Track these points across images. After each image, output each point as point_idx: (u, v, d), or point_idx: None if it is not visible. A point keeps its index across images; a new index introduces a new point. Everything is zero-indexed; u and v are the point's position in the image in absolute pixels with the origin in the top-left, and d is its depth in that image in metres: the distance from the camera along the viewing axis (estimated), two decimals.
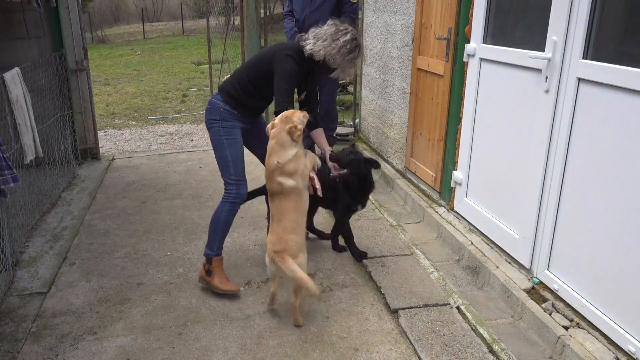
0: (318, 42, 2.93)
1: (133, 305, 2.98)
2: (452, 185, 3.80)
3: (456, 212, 3.79)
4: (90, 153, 5.57)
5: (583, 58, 2.53)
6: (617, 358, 2.34)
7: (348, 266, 3.35)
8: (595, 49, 2.50)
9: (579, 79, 2.55)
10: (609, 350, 2.38)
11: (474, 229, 3.56)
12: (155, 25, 28.19)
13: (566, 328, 2.57)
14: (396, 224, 3.89)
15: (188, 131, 6.97)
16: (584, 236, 2.59)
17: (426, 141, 4.15)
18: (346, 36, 2.93)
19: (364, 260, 3.35)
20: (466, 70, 3.53)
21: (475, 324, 2.69)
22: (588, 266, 2.57)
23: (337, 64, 2.98)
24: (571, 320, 2.62)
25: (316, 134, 3.23)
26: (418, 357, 2.51)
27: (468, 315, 2.76)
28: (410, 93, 4.38)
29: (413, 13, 4.22)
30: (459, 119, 3.65)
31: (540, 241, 2.90)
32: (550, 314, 2.68)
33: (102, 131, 6.97)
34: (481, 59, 3.35)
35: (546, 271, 2.86)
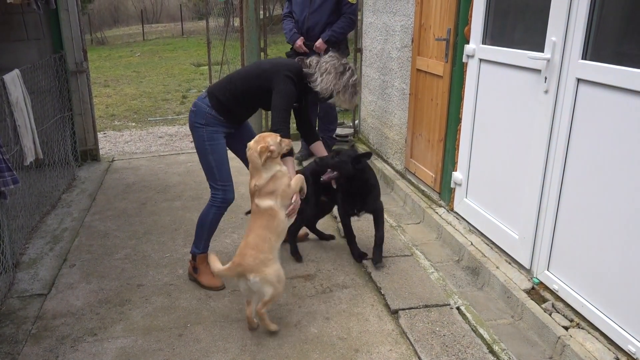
0: (324, 77, 2.98)
1: (133, 306, 2.98)
2: (452, 185, 3.81)
3: (456, 213, 3.79)
4: (90, 154, 5.57)
5: (582, 58, 2.54)
6: (617, 358, 2.34)
7: (348, 267, 3.35)
8: (594, 50, 2.50)
9: (578, 80, 2.55)
10: (609, 350, 2.38)
11: (474, 230, 3.56)
12: (154, 26, 28.19)
13: (566, 328, 2.58)
14: (396, 225, 3.89)
15: (188, 132, 6.95)
16: (584, 236, 2.59)
17: (426, 142, 4.16)
18: (348, 72, 3.02)
19: (364, 261, 3.35)
20: (465, 71, 3.53)
21: (475, 325, 2.69)
22: (588, 266, 2.57)
23: (339, 99, 3.06)
24: (571, 320, 2.62)
25: (315, 147, 3.28)
26: (418, 358, 2.51)
27: (468, 315, 2.76)
28: (409, 94, 4.39)
29: (412, 14, 4.23)
30: (459, 120, 3.66)
31: (540, 241, 2.90)
32: (550, 314, 2.68)
33: (102, 133, 6.98)
34: (480, 60, 3.36)
35: (546, 271, 2.86)
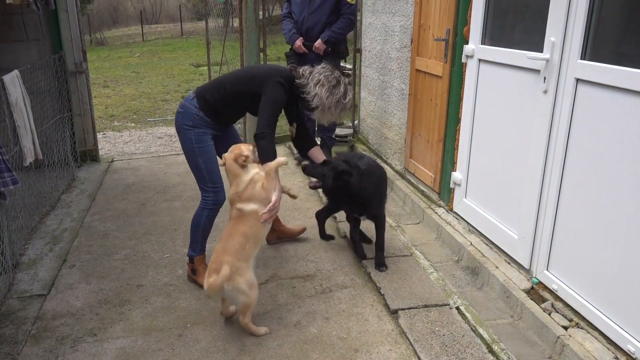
0: (317, 89, 2.95)
1: (133, 307, 2.98)
2: (451, 186, 3.81)
3: (455, 213, 3.80)
4: (89, 155, 5.57)
5: (581, 59, 2.54)
6: (617, 358, 2.34)
7: (348, 267, 3.35)
8: (593, 50, 2.51)
9: (577, 80, 2.55)
10: (608, 350, 2.38)
11: (473, 230, 3.56)
12: (154, 27, 28.20)
13: (565, 328, 2.58)
14: (395, 225, 3.90)
15: None
16: (583, 236, 2.59)
17: (425, 142, 4.16)
18: (342, 87, 2.99)
19: (364, 261, 3.35)
20: (465, 71, 3.54)
21: (474, 324, 2.69)
22: (587, 266, 2.57)
23: (327, 112, 3.02)
24: (570, 320, 2.63)
25: (313, 153, 3.29)
26: (418, 358, 2.51)
27: (468, 315, 2.76)
28: (409, 94, 4.39)
29: (412, 14, 4.23)
30: (458, 120, 3.66)
31: (539, 241, 2.90)
32: (549, 314, 2.69)
33: (102, 133, 6.97)
34: (480, 60, 3.36)
35: (545, 271, 2.87)
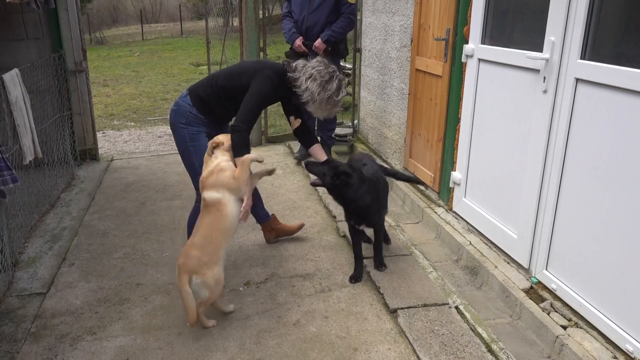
0: (309, 83, 2.91)
1: (132, 305, 2.99)
2: (451, 185, 3.81)
3: (455, 213, 3.80)
4: (89, 154, 5.57)
5: (581, 58, 2.54)
6: (615, 357, 2.34)
7: (347, 266, 3.35)
8: (593, 50, 2.51)
9: (577, 79, 2.56)
10: (607, 349, 2.39)
11: (473, 229, 3.56)
12: (153, 26, 28.20)
13: (564, 327, 2.58)
14: (395, 224, 3.90)
15: None
16: (582, 236, 2.59)
17: (425, 142, 4.16)
18: (335, 82, 2.93)
19: (364, 260, 3.35)
20: (464, 70, 3.54)
21: (473, 324, 2.69)
22: (586, 266, 2.58)
23: (318, 107, 2.99)
24: (569, 319, 2.63)
25: (313, 150, 3.27)
26: (417, 357, 2.52)
27: (467, 315, 2.77)
28: (408, 94, 4.39)
29: (412, 14, 4.23)
30: (458, 120, 3.66)
31: (538, 241, 2.91)
32: (548, 314, 2.69)
33: (101, 132, 6.97)
34: (479, 60, 3.36)
35: (544, 271, 2.87)
